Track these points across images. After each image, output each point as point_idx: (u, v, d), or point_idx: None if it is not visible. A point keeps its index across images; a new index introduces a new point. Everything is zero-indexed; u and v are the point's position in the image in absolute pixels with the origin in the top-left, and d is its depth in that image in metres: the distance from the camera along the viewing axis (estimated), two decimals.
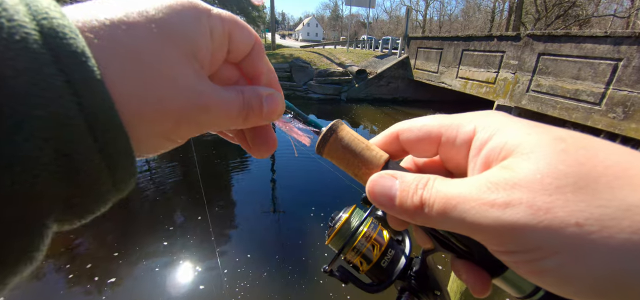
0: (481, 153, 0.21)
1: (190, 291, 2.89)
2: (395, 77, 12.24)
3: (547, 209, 0.16)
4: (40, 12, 0.15)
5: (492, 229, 0.18)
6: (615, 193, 0.16)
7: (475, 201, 0.18)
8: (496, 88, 8.19)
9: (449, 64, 10.03)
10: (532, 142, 0.18)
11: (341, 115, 10.21)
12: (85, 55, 0.16)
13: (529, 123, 0.20)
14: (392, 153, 0.28)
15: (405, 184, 0.23)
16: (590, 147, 0.18)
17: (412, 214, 0.22)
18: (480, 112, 0.23)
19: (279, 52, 14.70)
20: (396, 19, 62.96)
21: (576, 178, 0.16)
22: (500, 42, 8.00)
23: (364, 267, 0.43)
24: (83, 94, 0.15)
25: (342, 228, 0.44)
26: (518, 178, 0.17)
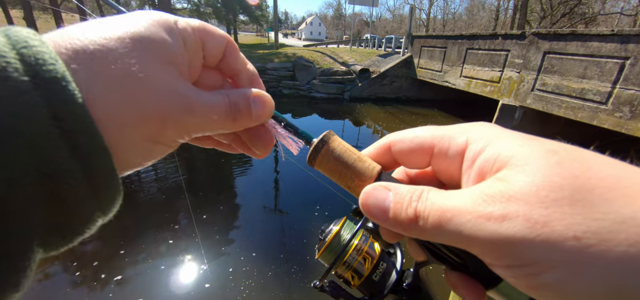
0: (475, 164, 0.21)
1: (196, 289, 2.91)
2: (398, 76, 12.19)
3: (544, 222, 0.16)
4: (20, 41, 0.16)
5: (489, 243, 0.17)
6: (611, 205, 0.15)
7: (471, 214, 0.18)
8: (501, 87, 8.13)
9: (452, 63, 9.97)
10: (525, 154, 0.18)
11: (345, 115, 10.20)
12: (65, 80, 0.16)
13: (521, 135, 0.20)
14: (384, 164, 0.28)
15: (399, 196, 0.22)
16: (583, 159, 0.18)
17: (406, 227, 0.21)
18: (472, 123, 0.23)
19: (282, 51, 14.70)
20: (399, 18, 62.66)
21: (572, 190, 0.16)
22: (505, 40, 7.93)
23: (355, 281, 0.42)
24: (64, 117, 0.16)
25: (332, 242, 0.43)
26: (514, 190, 0.17)
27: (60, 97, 0.16)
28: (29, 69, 0.16)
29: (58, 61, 0.17)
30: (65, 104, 0.16)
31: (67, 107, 0.16)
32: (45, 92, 0.16)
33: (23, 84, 0.15)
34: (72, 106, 0.16)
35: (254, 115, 0.26)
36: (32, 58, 0.16)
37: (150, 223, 3.83)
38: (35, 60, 0.16)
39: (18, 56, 0.16)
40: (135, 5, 24.22)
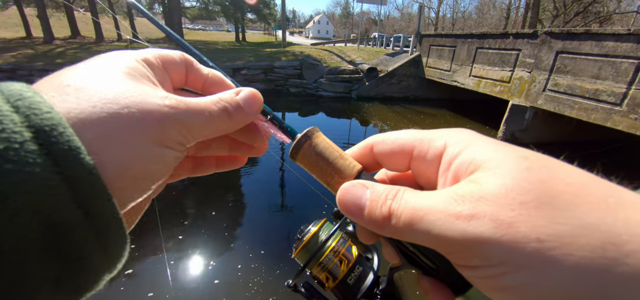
0: (451, 168, 0.21)
1: (205, 284, 2.95)
2: (406, 76, 12.10)
3: (509, 223, 0.16)
4: (14, 94, 0.17)
5: (456, 242, 0.18)
6: (575, 211, 0.16)
7: (441, 213, 0.19)
8: (511, 87, 7.99)
9: (462, 62, 9.84)
10: (498, 158, 0.19)
11: (351, 114, 10.17)
12: (63, 126, 0.17)
13: (496, 141, 0.21)
14: (366, 165, 0.28)
15: (376, 193, 0.23)
16: (552, 166, 0.18)
17: (380, 225, 0.22)
18: (452, 129, 0.24)
19: (290, 50, 14.72)
20: (408, 16, 62.12)
21: (539, 194, 0.17)
22: (516, 39, 7.79)
23: (329, 283, 0.42)
24: (62, 163, 0.16)
25: (309, 241, 0.43)
26: (484, 191, 0.18)
27: (60, 144, 0.16)
28: (26, 118, 0.16)
29: (53, 109, 0.17)
30: (64, 151, 0.16)
31: (67, 153, 0.16)
32: (45, 140, 0.16)
33: (20, 134, 0.15)
34: (70, 152, 0.17)
35: (246, 108, 0.27)
36: (28, 109, 0.16)
37: (160, 218, 3.88)
38: (31, 110, 0.16)
39: (13, 108, 0.16)
40: (145, 4, 24.50)
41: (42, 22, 15.90)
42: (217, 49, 16.13)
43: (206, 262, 3.20)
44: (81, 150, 0.17)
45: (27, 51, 12.49)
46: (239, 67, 11.89)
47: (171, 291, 2.86)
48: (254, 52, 14.40)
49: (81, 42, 16.31)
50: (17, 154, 0.15)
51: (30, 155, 0.15)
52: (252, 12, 24.68)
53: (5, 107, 0.16)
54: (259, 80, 11.99)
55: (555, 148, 7.29)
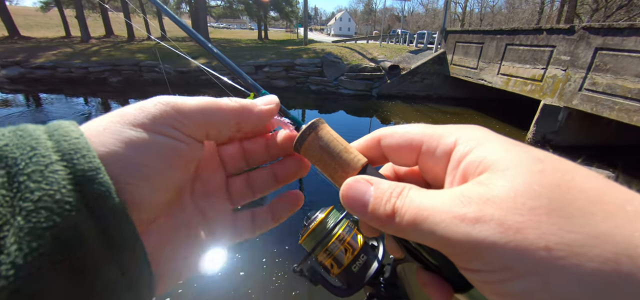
0: (460, 166, 0.21)
1: (231, 275, 3.05)
2: (430, 73, 11.76)
3: (517, 228, 0.16)
4: (53, 126, 0.19)
5: (460, 245, 0.17)
6: (588, 219, 0.15)
7: (446, 214, 0.18)
8: (543, 86, 7.55)
9: (490, 60, 9.42)
10: (509, 160, 0.18)
11: (372, 112, 10.05)
12: (87, 149, 0.18)
13: (509, 141, 0.20)
14: (372, 158, 0.28)
15: (380, 190, 0.22)
16: (567, 170, 0.17)
17: (383, 222, 0.21)
18: (464, 125, 0.23)
19: (311, 47, 14.75)
20: (433, 12, 60.35)
21: (550, 200, 0.16)
22: (550, 35, 7.34)
23: (334, 270, 0.42)
24: (81, 183, 0.17)
25: (316, 228, 0.43)
26: (492, 194, 0.17)
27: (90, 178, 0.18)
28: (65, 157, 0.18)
29: (90, 150, 0.19)
30: (98, 194, 0.18)
31: (102, 197, 0.18)
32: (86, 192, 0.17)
33: (59, 172, 0.17)
34: (105, 196, 0.18)
35: (257, 108, 0.28)
36: (70, 152, 0.18)
37: None
38: (71, 153, 0.18)
39: (48, 136, 0.18)
40: (173, 4, 25.43)
41: (80, 22, 16.97)
42: (241, 46, 16.48)
43: (233, 254, 3.30)
44: (100, 170, 0.18)
45: (66, 49, 13.38)
46: (261, 64, 12.08)
47: (199, 280, 2.97)
48: (275, 50, 14.58)
49: (114, 41, 17.23)
50: (41, 174, 0.16)
51: (53, 176, 0.17)
52: (274, 10, 24.96)
53: (43, 136, 0.18)
54: (280, 77, 12.12)
55: (591, 152, 6.83)
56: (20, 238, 0.15)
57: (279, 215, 0.32)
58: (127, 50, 13.61)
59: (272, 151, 0.31)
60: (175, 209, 0.26)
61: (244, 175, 0.32)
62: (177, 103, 0.23)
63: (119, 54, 12.85)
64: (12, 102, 9.21)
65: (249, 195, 0.32)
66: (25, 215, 0.15)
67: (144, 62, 11.68)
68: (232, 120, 0.26)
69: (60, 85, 11.04)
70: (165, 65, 11.31)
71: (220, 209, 0.30)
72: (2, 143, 0.17)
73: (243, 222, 0.31)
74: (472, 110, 10.58)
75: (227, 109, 0.26)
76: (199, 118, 0.24)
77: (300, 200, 0.33)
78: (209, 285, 2.96)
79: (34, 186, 0.16)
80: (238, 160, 0.31)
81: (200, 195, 0.29)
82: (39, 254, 0.15)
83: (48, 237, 0.15)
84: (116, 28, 20.99)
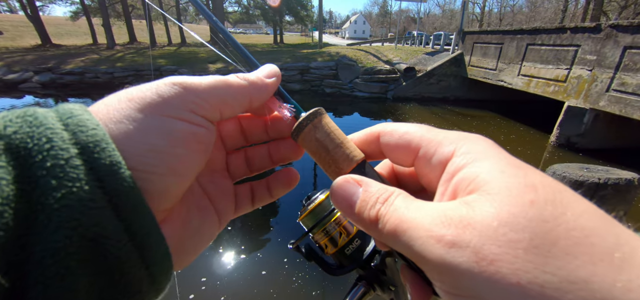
0: (453, 180, 0.20)
1: (253, 275, 3.10)
2: (446, 75, 11.55)
3: (491, 260, 0.15)
4: (66, 113, 0.18)
5: (434, 265, 0.17)
6: (569, 261, 0.14)
7: (425, 231, 0.18)
8: (567, 87, 7.26)
9: (510, 60, 9.15)
10: (501, 184, 0.17)
11: (387, 114, 9.97)
12: (105, 141, 0.18)
13: (509, 159, 0.19)
14: (369, 153, 0.28)
15: (368, 194, 0.22)
16: (560, 203, 0.16)
17: (367, 226, 0.22)
18: (466, 134, 0.22)
19: (325, 51, 14.82)
20: (450, 13, 59.26)
21: (533, 235, 0.15)
22: (575, 34, 7.06)
23: (329, 249, 0.44)
24: (103, 178, 0.17)
25: (315, 209, 0.44)
26: (474, 219, 0.16)
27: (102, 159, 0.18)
28: (73, 135, 0.17)
29: (98, 125, 0.18)
30: (108, 167, 0.17)
31: (110, 169, 0.18)
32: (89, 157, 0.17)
33: (67, 150, 0.17)
34: (113, 167, 0.18)
35: (261, 76, 0.28)
36: (75, 126, 0.18)
37: None
38: (78, 127, 0.18)
39: (63, 125, 0.18)
40: (192, 11, 26.20)
41: (106, 30, 17.82)
42: (257, 51, 16.78)
43: (255, 254, 3.36)
44: (121, 165, 0.18)
45: (93, 56, 14.07)
46: None
47: (222, 279, 3.04)
48: (291, 54, 14.75)
49: (137, 47, 17.95)
50: (62, 170, 0.16)
51: (74, 171, 0.16)
52: (289, 14, 25.28)
53: (58, 126, 0.17)
54: (295, 80, 12.24)
55: (619, 155, 6.49)
56: (45, 237, 0.15)
57: (276, 192, 0.33)
58: (150, 56, 14.15)
59: (270, 132, 0.32)
60: (187, 194, 0.26)
61: (241, 152, 0.33)
62: (192, 83, 0.23)
63: (141, 60, 13.38)
64: (43, 105, 9.61)
65: (247, 172, 0.33)
66: (49, 213, 0.15)
67: (165, 67, 12.11)
68: (245, 97, 0.26)
69: (88, 90, 11.60)
70: (183, 70, 11.69)
71: (223, 186, 0.31)
72: (11, 130, 0.16)
73: (242, 197, 0.32)
74: (491, 112, 10.29)
75: (237, 86, 0.25)
76: (213, 98, 0.24)
77: (294, 179, 0.33)
78: (232, 284, 3.02)
79: (56, 183, 0.15)
80: (237, 137, 0.32)
81: (204, 174, 0.29)
82: (66, 254, 0.15)
83: (74, 237, 0.15)
84: (139, 35, 21.91)
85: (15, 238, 0.14)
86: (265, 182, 0.33)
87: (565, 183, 1.40)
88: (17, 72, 11.58)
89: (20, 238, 0.14)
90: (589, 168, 1.66)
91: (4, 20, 29.29)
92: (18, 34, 22.92)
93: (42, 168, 0.15)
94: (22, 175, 0.15)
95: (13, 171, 0.15)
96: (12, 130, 0.16)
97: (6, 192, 0.14)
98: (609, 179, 1.53)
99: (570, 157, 6.71)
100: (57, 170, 0.16)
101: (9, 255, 0.14)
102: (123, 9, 20.00)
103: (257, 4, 24.04)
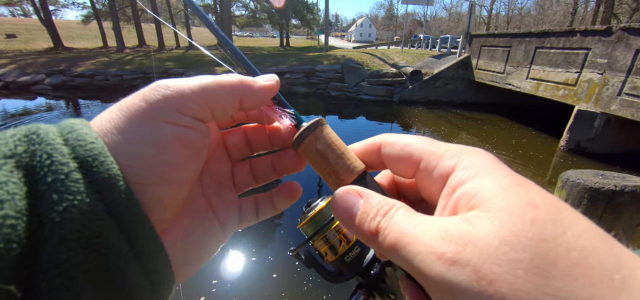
0: (454, 194, 0.20)
1: (264, 278, 3.12)
2: (453, 78, 11.47)
3: (491, 279, 0.15)
4: (67, 127, 0.19)
5: (434, 282, 0.17)
6: (568, 283, 0.14)
7: (425, 247, 0.17)
8: (577, 90, 7.14)
9: (518, 64, 9.05)
10: (503, 202, 0.17)
11: (392, 118, 9.93)
12: (104, 155, 0.18)
13: (510, 175, 0.19)
14: (370, 163, 0.27)
15: (368, 206, 0.22)
16: (560, 223, 0.16)
17: (367, 238, 0.21)
18: (468, 147, 0.22)
19: (331, 54, 14.86)
20: (457, 16, 58.96)
21: (533, 255, 0.15)
22: (585, 37, 6.95)
23: (329, 257, 0.44)
24: (103, 190, 0.18)
25: (316, 216, 0.44)
26: (475, 237, 0.16)
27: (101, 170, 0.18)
28: (73, 150, 0.18)
29: (97, 139, 0.19)
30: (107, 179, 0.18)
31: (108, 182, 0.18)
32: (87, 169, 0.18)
33: (67, 165, 0.17)
34: (111, 179, 0.18)
35: (258, 84, 0.27)
36: (75, 141, 0.18)
37: None
38: (78, 142, 0.18)
39: (64, 140, 0.18)
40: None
41: (116, 33, 18.15)
42: (263, 54, 16.90)
43: (265, 257, 3.37)
44: (120, 178, 0.18)
45: (103, 59, 14.34)
46: (282, 71, 12.31)
47: (234, 282, 3.06)
48: (297, 57, 14.81)
49: (146, 50, 18.24)
50: (63, 184, 0.16)
51: (74, 185, 0.17)
52: (296, 17, 25.43)
53: (58, 141, 0.18)
54: (301, 83, 12.28)
55: (633, 160, 6.35)
56: (50, 249, 0.15)
57: (279, 205, 0.33)
58: (158, 59, 14.36)
59: (273, 142, 0.32)
60: (189, 202, 0.27)
61: (247, 163, 0.33)
62: (178, 84, 0.23)
63: (149, 63, 13.59)
64: (55, 107, 10.00)
65: (252, 183, 0.33)
66: (52, 226, 0.16)
67: (172, 70, 12.28)
68: (235, 96, 0.25)
69: (97, 92, 11.83)
70: (190, 72, 11.83)
71: (228, 198, 0.31)
72: (21, 149, 0.17)
73: (246, 209, 0.32)
74: (498, 116, 10.18)
75: (227, 85, 0.25)
76: (201, 98, 0.23)
77: (297, 193, 0.33)
78: (243, 287, 3.03)
79: (57, 197, 0.16)
80: (242, 148, 0.32)
81: (208, 186, 0.29)
82: (70, 265, 0.16)
83: (77, 248, 0.16)
84: (148, 38, 22.26)
85: (27, 251, 0.15)
86: (269, 196, 0.33)
87: (580, 190, 1.34)
88: (30, 74, 11.85)
89: (32, 251, 0.15)
90: (604, 174, 1.61)
91: (18, 24, 30.09)
92: (31, 37, 23.51)
93: (44, 183, 0.16)
94: (31, 191, 0.16)
95: (24, 187, 0.16)
96: (22, 150, 0.17)
97: (20, 206, 0.15)
98: (625, 187, 1.48)
99: (581, 162, 6.59)
100: (58, 185, 0.16)
101: (21, 267, 0.15)
102: (132, 13, 20.37)
103: (264, 7, 24.24)
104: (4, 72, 11.83)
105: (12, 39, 22.80)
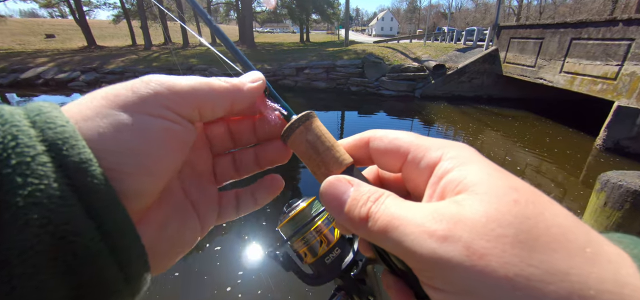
0: (441, 182, 0.21)
1: (268, 278, 3.13)
2: (479, 72, 11.00)
3: (481, 254, 0.16)
4: (34, 110, 0.18)
5: (425, 260, 0.17)
6: (550, 255, 0.16)
7: (416, 227, 0.18)
8: (618, 85, 6.62)
9: (551, 56, 8.52)
10: (488, 185, 0.19)
11: (414, 114, 9.68)
12: (75, 138, 0.17)
13: (492, 165, 0.21)
14: (358, 158, 0.28)
15: (359, 193, 0.23)
16: (540, 204, 0.18)
17: (357, 225, 0.22)
18: (453, 142, 0.23)
19: (352, 49, 14.69)
20: (484, 7, 56.44)
21: (518, 230, 0.16)
22: (628, 27, 6.41)
23: (308, 258, 0.43)
24: (73, 175, 0.17)
25: (296, 216, 0.44)
26: (464, 216, 0.18)
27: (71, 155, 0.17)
28: (41, 132, 0.17)
29: (68, 122, 0.18)
30: (76, 164, 0.17)
31: (78, 166, 0.17)
32: (54, 149, 0.17)
33: (34, 148, 0.16)
34: (82, 163, 0.17)
35: (248, 83, 0.28)
36: (43, 123, 0.17)
37: None
38: (46, 124, 0.17)
39: (30, 122, 0.17)
40: (222, 12, 27.09)
41: (144, 32, 18.94)
42: (283, 49, 17.02)
43: (266, 256, 3.40)
44: (92, 162, 0.17)
45: (132, 56, 15.02)
46: (302, 66, 12.35)
47: (258, 272, 3.12)
48: (316, 52, 14.78)
49: (171, 48, 18.90)
50: (28, 167, 0.15)
51: (41, 168, 0.16)
52: (316, 12, 25.34)
53: (25, 123, 0.17)
54: (321, 78, 12.26)
55: None
56: (10, 236, 0.14)
57: (261, 199, 0.33)
58: (182, 56, 14.86)
59: (258, 134, 0.32)
60: (165, 194, 0.26)
61: (229, 155, 0.32)
62: (170, 82, 0.23)
63: (174, 60, 14.08)
64: None
65: (234, 175, 0.32)
66: (14, 211, 0.14)
67: (196, 66, 12.65)
68: (226, 100, 0.26)
69: None
70: (213, 69, 12.13)
71: (208, 191, 0.30)
72: None
73: (227, 203, 0.31)
74: (528, 112, 9.65)
75: (219, 89, 0.25)
76: (191, 97, 0.24)
77: (279, 186, 0.33)
78: (268, 276, 3.08)
79: (21, 181, 0.15)
80: (225, 140, 0.31)
81: (188, 178, 0.29)
82: (34, 253, 0.15)
83: (43, 235, 0.15)
84: (174, 36, 23.07)
85: None
86: (250, 190, 0.32)
87: (622, 193, 1.25)
88: (67, 72, 12.64)
89: None
90: None
91: (56, 25, 32.15)
92: (67, 37, 25.06)
93: (7, 166, 0.15)
94: None
95: None
96: None
97: None
98: None
99: (620, 163, 6.10)
100: (23, 168, 0.15)
101: None
102: (159, 12, 21.16)
103: (284, 3, 24.35)
104: (44, 69, 12.68)
105: (51, 38, 24.42)
